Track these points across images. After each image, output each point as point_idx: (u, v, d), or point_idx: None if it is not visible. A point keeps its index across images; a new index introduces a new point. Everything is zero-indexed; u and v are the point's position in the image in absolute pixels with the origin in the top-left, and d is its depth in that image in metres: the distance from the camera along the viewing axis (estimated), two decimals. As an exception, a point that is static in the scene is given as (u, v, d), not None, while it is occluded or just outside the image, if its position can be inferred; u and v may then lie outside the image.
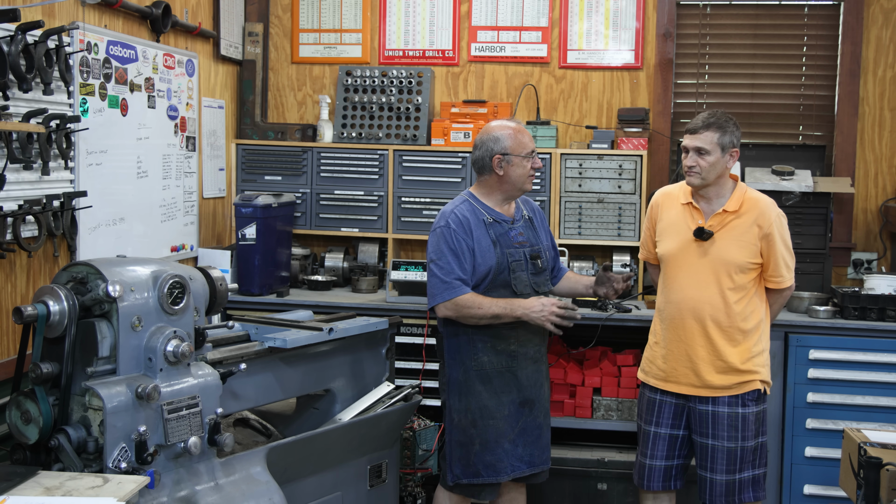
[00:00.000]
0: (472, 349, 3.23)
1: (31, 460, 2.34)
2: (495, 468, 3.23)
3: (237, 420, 3.20)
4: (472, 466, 3.24)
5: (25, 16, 2.92)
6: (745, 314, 3.23)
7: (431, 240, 3.24)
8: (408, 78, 4.65)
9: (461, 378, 3.25)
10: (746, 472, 3.25)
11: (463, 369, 3.25)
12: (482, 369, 3.23)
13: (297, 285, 4.49)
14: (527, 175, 3.26)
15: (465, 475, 3.25)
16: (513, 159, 3.22)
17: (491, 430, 3.22)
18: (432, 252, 3.21)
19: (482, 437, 3.23)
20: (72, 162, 3.23)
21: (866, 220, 4.56)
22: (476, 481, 3.24)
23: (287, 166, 4.61)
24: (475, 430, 3.23)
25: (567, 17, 4.73)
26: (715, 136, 3.20)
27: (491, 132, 3.26)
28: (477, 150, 3.26)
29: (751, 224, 3.22)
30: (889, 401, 3.82)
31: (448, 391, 3.31)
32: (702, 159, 3.21)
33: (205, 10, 4.40)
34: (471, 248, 3.18)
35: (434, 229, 3.24)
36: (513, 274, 3.23)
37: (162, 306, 2.45)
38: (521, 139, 3.24)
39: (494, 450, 3.23)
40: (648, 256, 3.54)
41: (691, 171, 3.24)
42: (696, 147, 3.21)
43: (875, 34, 4.52)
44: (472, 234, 3.19)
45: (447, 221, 3.21)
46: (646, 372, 3.42)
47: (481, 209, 3.28)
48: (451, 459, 3.29)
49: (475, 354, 3.23)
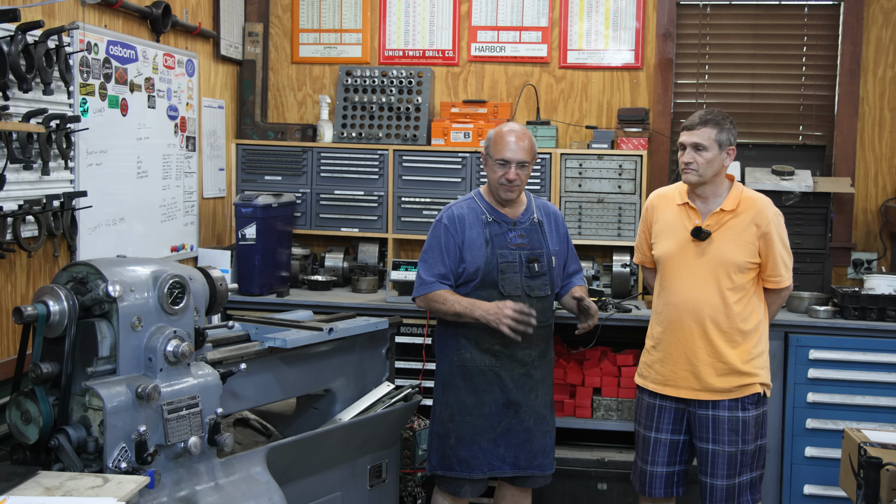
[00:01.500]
0: (456, 345, 3.30)
1: (31, 460, 2.34)
2: (469, 464, 3.26)
3: (237, 420, 3.20)
4: (447, 459, 3.30)
5: (25, 16, 2.92)
6: (745, 315, 3.21)
7: (429, 233, 3.36)
8: (408, 78, 4.65)
9: (445, 372, 3.35)
10: (745, 475, 3.24)
11: (447, 363, 3.34)
12: (464, 365, 3.29)
13: (297, 285, 4.49)
14: (497, 181, 3.26)
15: (440, 467, 3.32)
16: (489, 160, 3.30)
17: (467, 425, 3.27)
18: (425, 245, 3.35)
19: (458, 432, 3.28)
20: (72, 162, 3.23)
21: (866, 220, 4.56)
22: (450, 474, 3.30)
23: (287, 166, 4.61)
24: (452, 424, 3.30)
25: (567, 17, 4.73)
26: (712, 132, 3.19)
27: (493, 130, 3.34)
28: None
29: (748, 223, 3.21)
30: (889, 401, 3.82)
31: (435, 383, 3.42)
32: (699, 156, 3.20)
33: (205, 10, 4.40)
34: (458, 246, 3.26)
35: (433, 225, 3.36)
36: (501, 275, 3.24)
37: (162, 306, 2.45)
38: (499, 144, 3.25)
39: (470, 446, 3.26)
40: (643, 260, 3.52)
41: (688, 167, 3.22)
42: (694, 143, 3.20)
43: (875, 34, 4.52)
44: (463, 233, 3.27)
45: (442, 217, 3.33)
46: (644, 377, 3.39)
47: (483, 208, 3.33)
48: (430, 450, 3.40)
49: (458, 350, 3.30)
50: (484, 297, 3.22)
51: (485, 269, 3.23)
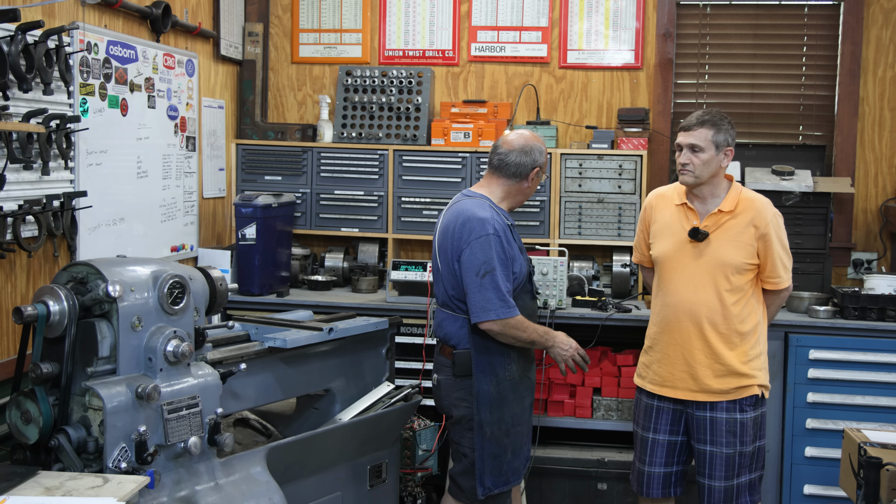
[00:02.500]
0: (504, 361, 3.16)
1: (31, 460, 2.34)
2: (518, 472, 3.25)
3: (237, 420, 3.20)
4: (503, 475, 3.18)
5: (25, 16, 2.92)
6: (743, 316, 3.20)
7: (479, 247, 3.04)
8: (408, 78, 4.65)
9: (493, 391, 3.14)
10: (744, 477, 3.23)
11: (495, 381, 3.14)
12: (513, 379, 3.18)
13: (297, 285, 4.49)
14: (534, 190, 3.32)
15: (496, 485, 3.17)
16: (543, 176, 3.27)
17: (520, 435, 3.23)
18: (483, 262, 3.03)
19: (514, 445, 3.20)
20: (72, 162, 3.23)
21: (866, 220, 4.56)
22: (505, 489, 3.20)
23: (287, 166, 4.61)
24: (508, 439, 3.17)
25: (567, 17, 4.73)
26: (709, 133, 3.17)
27: (538, 142, 3.23)
28: (524, 155, 3.17)
29: (747, 224, 3.19)
30: (889, 401, 3.82)
31: (478, 405, 3.13)
32: (695, 157, 3.18)
33: (205, 10, 4.40)
34: (512, 258, 3.12)
35: (479, 236, 3.05)
36: (531, 278, 3.26)
37: (162, 306, 2.45)
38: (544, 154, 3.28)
39: (519, 454, 3.24)
40: (642, 259, 3.52)
41: (685, 168, 3.20)
42: (690, 144, 3.18)
43: (875, 34, 4.52)
44: (511, 242, 3.13)
45: (493, 229, 3.06)
46: (642, 377, 3.39)
47: (502, 214, 3.19)
48: (482, 473, 3.15)
49: (509, 366, 3.17)
50: (519, 306, 3.12)
51: (525, 276, 3.19)
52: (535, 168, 3.19)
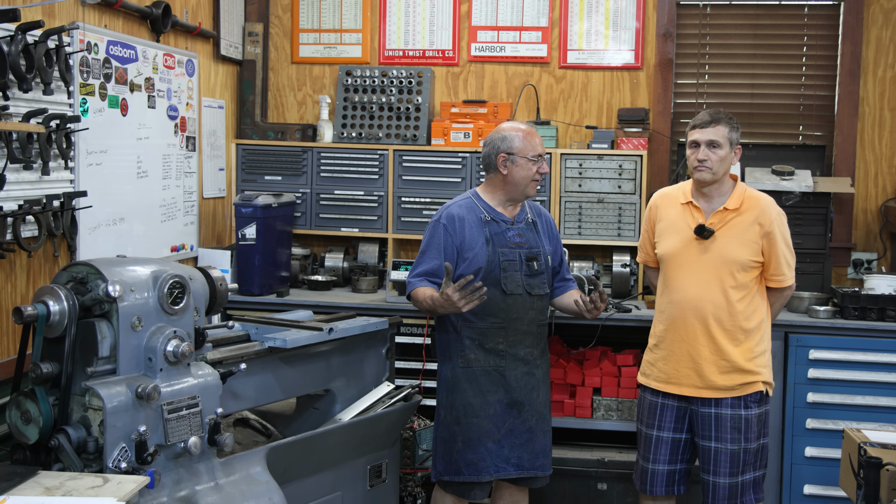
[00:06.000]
0: (459, 346, 3.27)
1: (31, 460, 2.34)
2: (477, 467, 3.24)
3: (237, 420, 3.20)
4: (454, 464, 3.26)
5: (25, 16, 2.92)
6: (748, 313, 3.22)
7: (426, 232, 3.34)
8: (408, 78, 4.65)
9: (449, 375, 3.30)
10: (748, 475, 3.24)
11: (451, 366, 3.29)
12: (469, 367, 3.26)
13: (297, 285, 4.49)
14: (530, 178, 3.27)
15: (447, 472, 3.28)
16: (518, 160, 3.25)
17: (474, 428, 3.24)
18: (422, 245, 3.33)
19: (465, 435, 3.24)
20: (72, 162, 3.23)
21: (866, 220, 4.56)
22: (457, 479, 3.26)
23: (287, 166, 4.61)
24: (458, 427, 3.26)
25: (567, 17, 4.73)
26: (725, 129, 3.21)
27: (501, 131, 3.31)
28: (485, 147, 3.32)
29: (752, 222, 3.21)
30: (889, 401, 3.82)
31: (438, 387, 3.38)
32: (713, 153, 3.20)
33: (205, 10, 4.40)
34: (457, 246, 3.25)
35: (430, 224, 3.34)
36: (503, 273, 3.24)
37: (162, 306, 2.44)
38: (531, 141, 3.27)
39: (477, 448, 3.24)
40: (647, 259, 3.53)
41: (702, 165, 3.21)
42: (709, 140, 3.20)
43: (875, 34, 4.52)
44: (462, 232, 3.25)
45: (440, 216, 3.31)
46: (646, 375, 3.40)
47: (481, 207, 3.31)
48: (436, 456, 3.34)
49: (462, 351, 3.26)
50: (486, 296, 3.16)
51: (487, 267, 3.23)
52: (499, 155, 3.27)
